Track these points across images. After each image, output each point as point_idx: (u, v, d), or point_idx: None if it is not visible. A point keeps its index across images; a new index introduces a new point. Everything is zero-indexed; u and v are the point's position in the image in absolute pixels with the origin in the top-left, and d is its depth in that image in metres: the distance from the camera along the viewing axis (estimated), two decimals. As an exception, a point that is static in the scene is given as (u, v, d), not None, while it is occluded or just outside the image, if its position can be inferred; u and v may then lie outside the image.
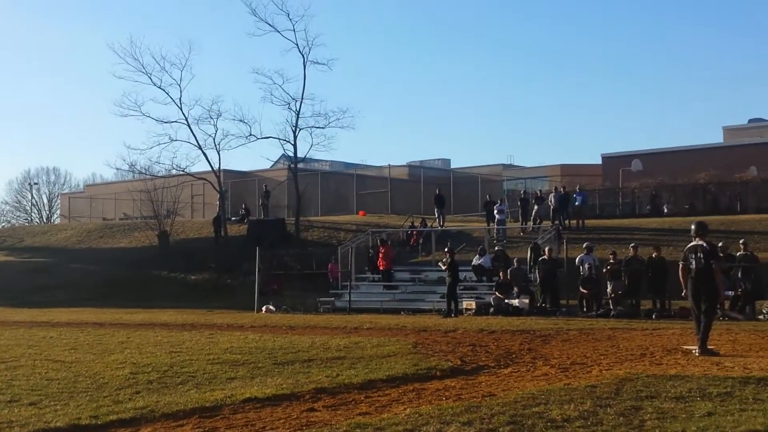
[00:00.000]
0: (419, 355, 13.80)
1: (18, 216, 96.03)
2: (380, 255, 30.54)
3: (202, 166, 46.91)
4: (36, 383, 11.10)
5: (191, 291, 36.28)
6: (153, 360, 13.61)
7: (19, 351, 15.31)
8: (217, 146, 44.16)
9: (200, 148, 44.10)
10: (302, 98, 43.08)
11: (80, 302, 33.17)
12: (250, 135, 43.93)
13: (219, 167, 44.84)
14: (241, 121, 46.62)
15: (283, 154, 50.24)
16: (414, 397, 9.71)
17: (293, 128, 43.17)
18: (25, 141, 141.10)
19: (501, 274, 26.39)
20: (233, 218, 45.76)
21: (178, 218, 48.41)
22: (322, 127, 43.59)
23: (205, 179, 45.63)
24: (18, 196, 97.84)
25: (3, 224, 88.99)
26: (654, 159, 48.63)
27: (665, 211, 39.24)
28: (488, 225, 36.71)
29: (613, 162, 50.65)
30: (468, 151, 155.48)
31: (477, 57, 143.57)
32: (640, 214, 40.17)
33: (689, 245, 13.60)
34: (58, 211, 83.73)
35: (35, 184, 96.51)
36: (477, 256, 29.07)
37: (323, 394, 10.10)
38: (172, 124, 44.33)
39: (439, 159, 72.01)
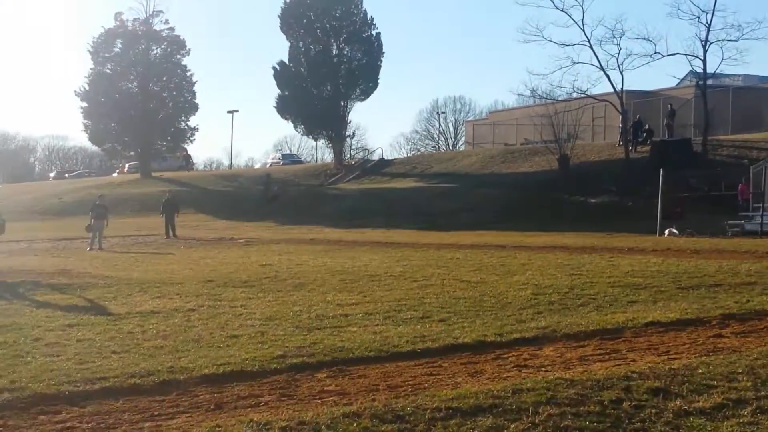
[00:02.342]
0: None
1: (426, 144, 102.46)
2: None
3: (603, 88, 46.28)
4: (445, 301, 11.76)
5: (591, 214, 36.06)
6: (554, 282, 13.79)
7: (429, 271, 16.33)
8: (620, 66, 43.39)
9: (602, 69, 43.49)
10: (713, 10, 40.62)
11: (483, 225, 34.40)
12: (655, 53, 42.72)
13: (621, 88, 43.89)
14: (645, 39, 45.05)
15: (690, 71, 47.85)
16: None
17: (703, 43, 41.05)
18: (433, 72, 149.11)
19: None
20: (638, 140, 44.66)
21: (578, 142, 48.18)
22: (735, 40, 41.01)
23: (606, 101, 44.97)
24: (427, 124, 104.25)
25: (413, 152, 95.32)
26: None
27: None
28: None
29: None
30: None
31: None
32: None
33: None
34: (463, 138, 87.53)
35: (442, 113, 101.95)
36: None
37: (731, 320, 9.58)
38: (574, 46, 44.23)
39: None
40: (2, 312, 11.44)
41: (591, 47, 43.33)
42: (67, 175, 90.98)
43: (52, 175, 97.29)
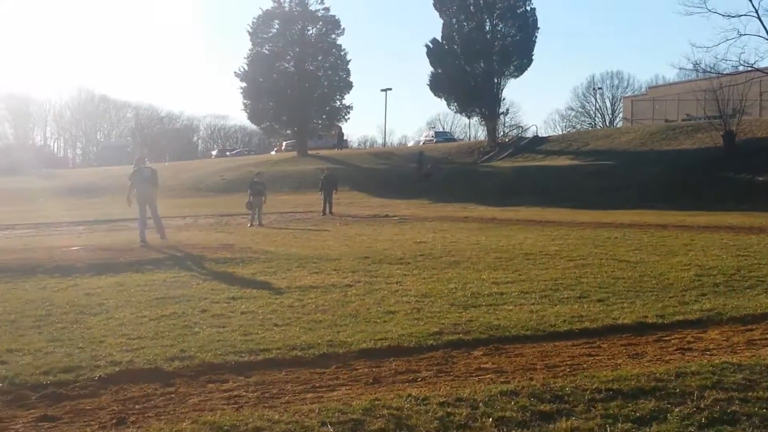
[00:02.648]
0: None
1: (582, 121, 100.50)
2: None
3: (771, 60, 43.92)
4: (603, 281, 11.53)
5: (758, 193, 34.45)
6: (719, 263, 13.28)
7: (586, 250, 16.02)
8: (790, 38, 41.01)
9: (770, 40, 41.35)
10: None
11: (641, 204, 33.46)
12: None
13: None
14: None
15: None
16: None
17: None
18: (589, 47, 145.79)
19: None
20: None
21: (745, 117, 46.06)
22: None
23: (774, 74, 42.78)
24: (582, 101, 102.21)
25: (569, 129, 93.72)
26: None
27: None
28: None
29: None
30: None
31: None
32: None
33: None
34: (621, 115, 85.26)
35: (599, 89, 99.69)
36: None
37: None
38: (741, 17, 42.16)
39: None
40: (172, 284, 12.01)
41: (759, 18, 41.40)
42: (228, 153, 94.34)
43: (214, 153, 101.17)
